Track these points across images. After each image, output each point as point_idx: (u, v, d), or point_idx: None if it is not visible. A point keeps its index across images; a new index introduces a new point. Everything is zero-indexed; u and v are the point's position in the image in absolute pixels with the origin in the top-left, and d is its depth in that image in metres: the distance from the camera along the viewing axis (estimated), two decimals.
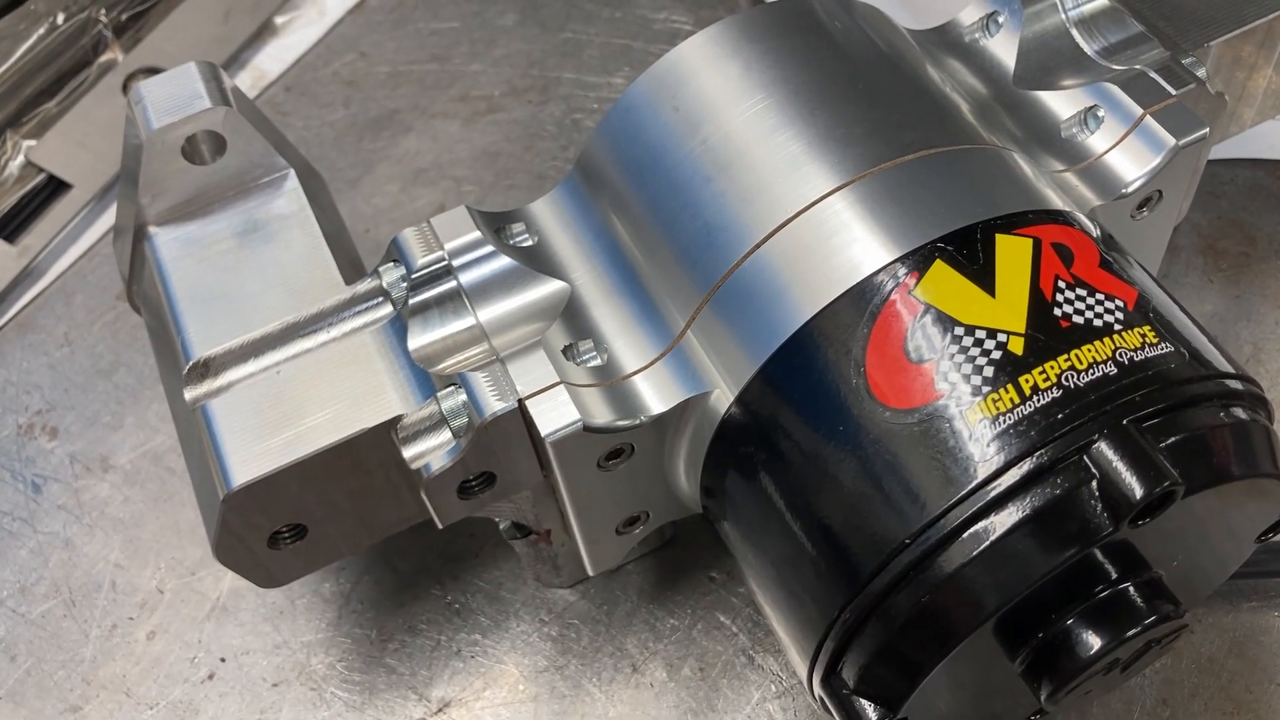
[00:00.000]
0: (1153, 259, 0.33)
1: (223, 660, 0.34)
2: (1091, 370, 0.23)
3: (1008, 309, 0.24)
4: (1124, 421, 0.22)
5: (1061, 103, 0.31)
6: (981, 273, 0.24)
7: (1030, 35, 0.32)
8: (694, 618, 0.34)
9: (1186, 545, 0.26)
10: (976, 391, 0.23)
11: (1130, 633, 0.24)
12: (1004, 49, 0.33)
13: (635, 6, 0.48)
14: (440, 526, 0.29)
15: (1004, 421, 0.23)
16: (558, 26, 0.47)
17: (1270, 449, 0.24)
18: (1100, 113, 0.31)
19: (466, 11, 0.49)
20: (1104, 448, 0.22)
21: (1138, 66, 0.31)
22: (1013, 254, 0.25)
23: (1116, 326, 0.24)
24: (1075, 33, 0.32)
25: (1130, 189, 0.29)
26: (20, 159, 0.44)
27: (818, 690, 0.26)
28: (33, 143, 0.44)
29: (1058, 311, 0.24)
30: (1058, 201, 0.27)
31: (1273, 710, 0.31)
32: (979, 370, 0.23)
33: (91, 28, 0.46)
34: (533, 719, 0.32)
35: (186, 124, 0.31)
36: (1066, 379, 0.23)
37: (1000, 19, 0.33)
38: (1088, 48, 0.32)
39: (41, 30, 0.45)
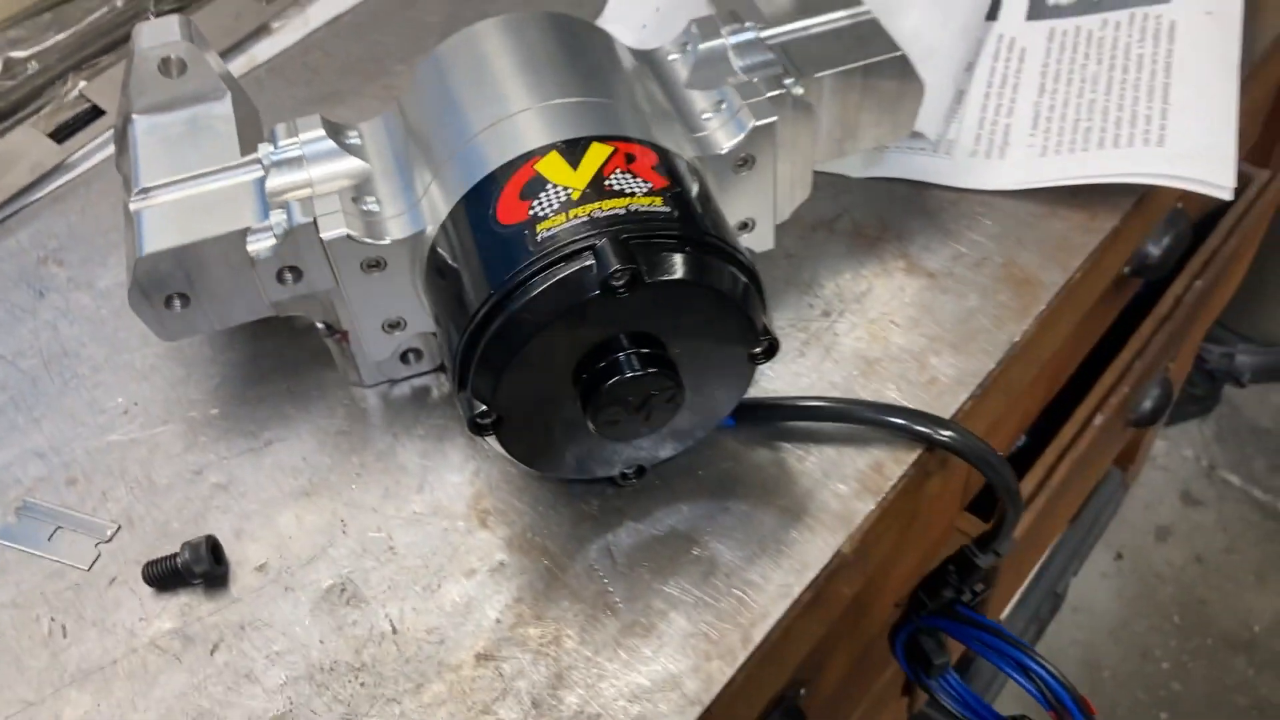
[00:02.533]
0: (760, 205, 0.49)
1: (120, 401, 0.52)
2: (612, 212, 0.40)
3: (578, 178, 0.41)
4: (620, 236, 0.39)
5: (708, 97, 0.49)
6: (574, 160, 0.42)
7: (702, 53, 0.50)
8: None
9: (694, 348, 0.42)
10: (545, 217, 0.40)
11: (630, 375, 0.40)
12: (685, 63, 0.50)
13: None
14: (271, 307, 0.47)
15: (554, 232, 0.40)
16: None
17: (723, 278, 0.41)
18: (722, 105, 0.48)
19: (403, 34, 0.68)
20: (603, 246, 0.39)
21: (756, 79, 0.48)
22: (597, 153, 0.42)
23: (639, 195, 0.41)
24: (730, 55, 0.50)
25: (724, 150, 0.46)
26: (76, 92, 0.64)
27: (457, 398, 0.42)
28: (86, 82, 0.65)
29: (605, 183, 0.41)
30: (661, 141, 0.45)
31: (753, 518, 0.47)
32: (549, 206, 0.40)
33: (140, 11, 0.67)
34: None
35: (161, 49, 0.50)
36: (595, 214, 0.40)
37: (688, 45, 0.51)
38: (736, 64, 0.50)
39: (104, 8, 0.66)
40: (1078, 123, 0.57)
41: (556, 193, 0.41)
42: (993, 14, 0.65)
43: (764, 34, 0.50)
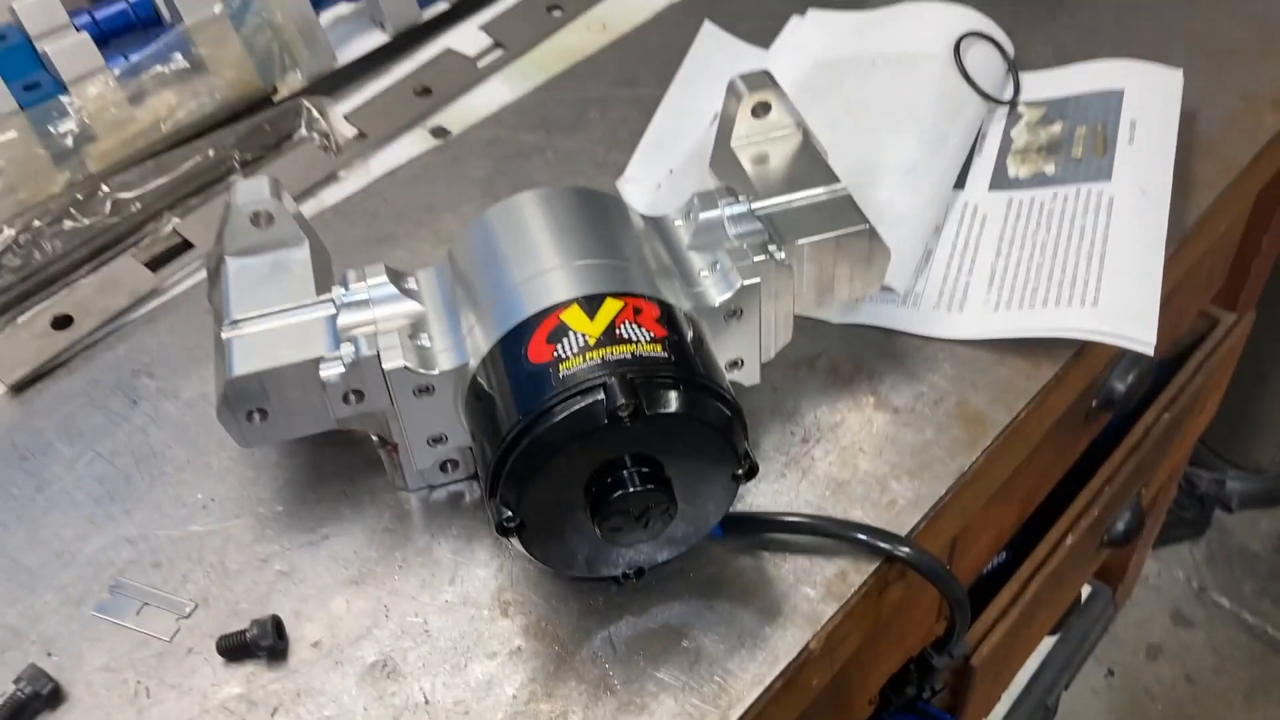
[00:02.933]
0: (748, 347, 0.59)
1: (200, 497, 0.61)
2: (620, 356, 0.49)
3: (595, 327, 0.50)
4: (625, 376, 0.48)
5: (705, 258, 0.58)
6: (591, 311, 0.51)
7: (702, 222, 0.60)
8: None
9: (687, 468, 0.51)
10: (566, 358, 0.50)
11: (631, 490, 0.49)
12: (687, 229, 0.60)
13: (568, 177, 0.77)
14: (335, 421, 0.56)
15: (573, 371, 0.49)
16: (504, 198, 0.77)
17: (710, 411, 0.50)
18: (716, 265, 0.58)
19: (451, 186, 0.79)
20: (612, 384, 0.48)
21: (745, 245, 0.58)
22: (610, 307, 0.52)
23: (643, 342, 0.50)
24: (725, 223, 0.60)
25: (717, 304, 0.56)
26: (170, 228, 0.75)
27: (487, 504, 0.51)
28: (179, 220, 0.75)
29: (616, 332, 0.50)
30: (663, 295, 0.54)
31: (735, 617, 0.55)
32: (570, 349, 0.50)
33: (227, 161, 0.78)
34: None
35: (253, 205, 0.60)
36: (606, 357, 0.49)
37: (690, 214, 0.61)
38: (730, 232, 0.59)
39: (197, 158, 0.77)
40: (1027, 283, 0.67)
41: (576, 338, 0.50)
42: (960, 183, 0.75)
43: (754, 206, 0.60)
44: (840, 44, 0.84)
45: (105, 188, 0.74)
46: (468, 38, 0.92)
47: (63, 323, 0.70)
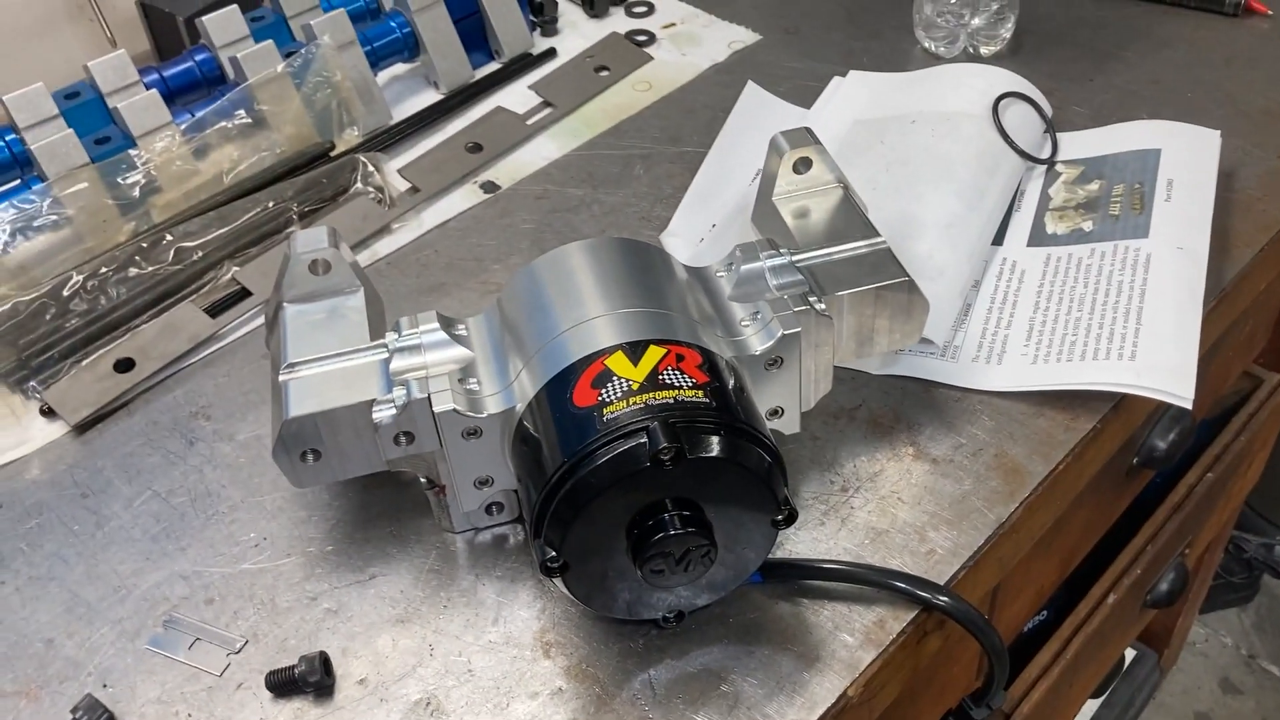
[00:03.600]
0: (788, 396, 0.60)
1: (252, 535, 0.63)
2: (663, 401, 0.51)
3: (638, 373, 0.52)
4: (668, 420, 0.50)
5: (746, 308, 0.60)
6: (635, 358, 0.53)
7: (744, 273, 0.61)
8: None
9: (727, 513, 0.52)
10: (610, 402, 0.51)
11: (673, 532, 0.50)
12: (729, 280, 0.62)
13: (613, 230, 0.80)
14: (385, 463, 0.58)
15: (617, 415, 0.50)
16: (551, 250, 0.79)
17: (750, 456, 0.51)
18: (758, 315, 0.59)
19: (500, 238, 0.81)
20: (654, 428, 0.49)
21: (786, 295, 0.60)
22: (653, 353, 0.53)
23: (685, 388, 0.52)
24: (766, 274, 0.61)
25: (758, 352, 0.57)
26: (229, 276, 0.78)
27: (531, 545, 0.52)
28: (238, 268, 0.78)
29: (659, 378, 0.52)
30: (705, 343, 0.55)
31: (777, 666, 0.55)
32: (614, 394, 0.51)
33: (286, 213, 0.81)
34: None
35: (312, 253, 0.62)
36: (649, 402, 0.51)
37: (733, 265, 0.62)
38: (770, 283, 0.61)
39: (258, 209, 0.80)
40: (1065, 337, 0.67)
41: (620, 384, 0.52)
42: (999, 239, 0.76)
43: (795, 258, 0.62)
44: (881, 103, 0.86)
45: (169, 236, 0.77)
46: (518, 96, 0.95)
47: (125, 365, 0.72)
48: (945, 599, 0.56)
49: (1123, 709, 1.44)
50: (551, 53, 0.99)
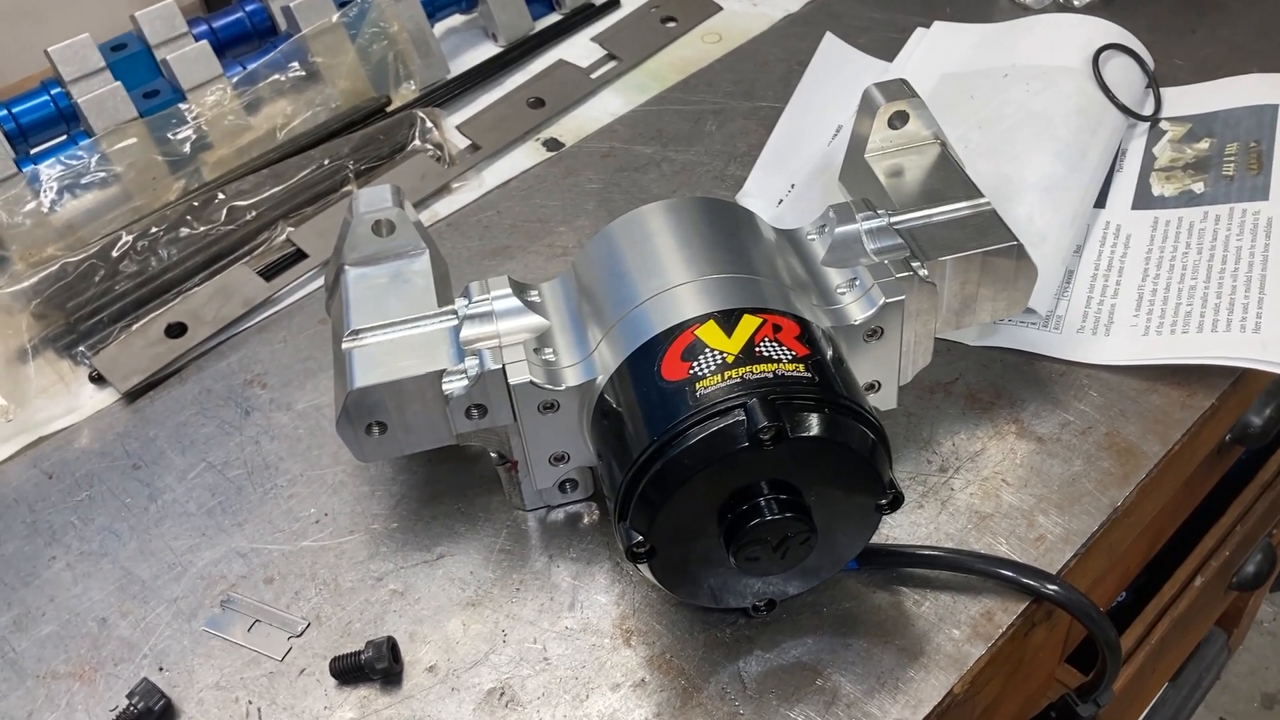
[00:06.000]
0: (885, 369, 0.55)
1: (312, 511, 0.59)
2: (761, 376, 0.47)
3: (733, 344, 0.48)
4: (767, 397, 0.46)
5: (842, 274, 0.56)
6: (729, 328, 0.49)
7: (839, 236, 0.57)
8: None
9: (827, 496, 0.48)
10: (703, 376, 0.47)
11: (770, 517, 0.46)
12: (822, 244, 0.57)
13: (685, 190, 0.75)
14: (454, 437, 0.54)
15: (711, 390, 0.46)
16: (619, 211, 0.74)
17: (855, 436, 0.47)
18: (855, 282, 0.55)
19: (565, 198, 0.77)
20: (752, 404, 0.45)
21: (886, 260, 0.55)
22: (748, 323, 0.49)
23: (784, 361, 0.47)
24: (864, 238, 0.57)
25: (857, 322, 0.53)
26: (283, 237, 0.74)
27: (616, 529, 0.49)
28: (293, 229, 0.74)
29: (756, 349, 0.48)
30: (801, 312, 0.51)
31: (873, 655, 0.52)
32: (707, 367, 0.47)
33: (342, 170, 0.77)
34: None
35: (375, 213, 0.58)
36: (746, 377, 0.46)
37: (826, 228, 0.58)
38: (868, 247, 0.56)
39: (313, 167, 0.76)
40: (1178, 307, 0.62)
41: (713, 356, 0.48)
42: (1101, 202, 0.71)
43: (893, 220, 0.57)
44: (969, 57, 0.80)
45: (221, 195, 0.73)
46: (580, 49, 0.90)
47: (176, 330, 0.69)
48: (1057, 589, 0.52)
49: (1190, 690, 1.39)
50: (615, 2, 0.94)
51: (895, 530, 0.56)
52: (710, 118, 0.82)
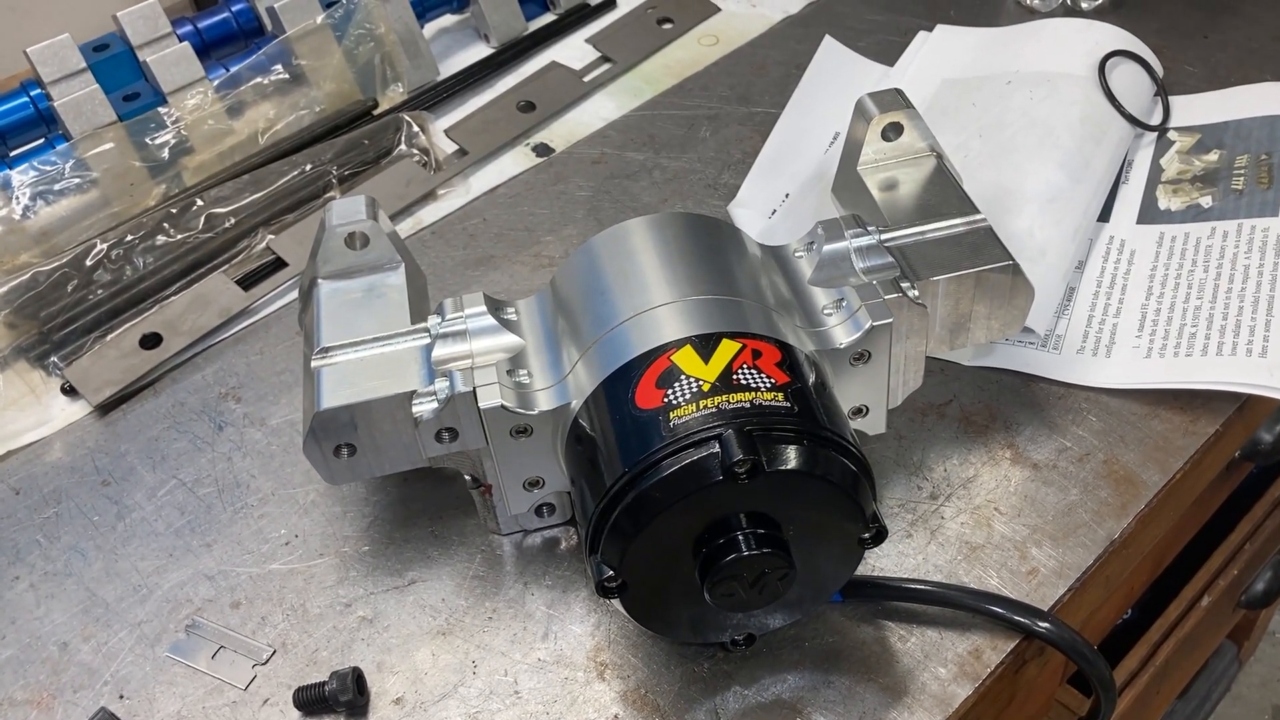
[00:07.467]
0: (874, 393, 0.53)
1: (283, 533, 0.58)
2: (738, 405, 0.44)
3: (709, 371, 0.46)
4: (744, 428, 0.44)
5: (829, 294, 0.53)
6: (706, 354, 0.47)
7: (826, 254, 0.55)
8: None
9: (807, 530, 0.46)
10: (677, 405, 0.45)
11: (746, 553, 0.44)
12: (809, 261, 0.55)
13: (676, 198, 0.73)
14: (426, 460, 0.52)
15: (685, 420, 0.44)
16: (608, 220, 0.72)
17: (835, 469, 0.45)
18: (842, 303, 0.52)
19: (553, 206, 0.75)
20: (728, 436, 0.43)
21: (874, 281, 0.53)
22: (726, 349, 0.47)
23: (763, 390, 0.45)
24: (852, 256, 0.54)
25: (842, 345, 0.51)
26: (263, 245, 0.72)
27: (587, 561, 0.47)
28: (273, 236, 0.72)
29: (733, 377, 0.45)
30: (783, 335, 0.49)
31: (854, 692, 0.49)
32: (682, 395, 0.45)
33: (325, 176, 0.75)
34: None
35: (348, 225, 0.56)
36: (722, 406, 0.44)
37: (814, 245, 0.55)
38: (857, 266, 0.54)
39: (295, 173, 0.74)
40: (1183, 328, 0.60)
41: (689, 383, 0.46)
42: (1104, 215, 0.69)
43: (884, 237, 0.55)
44: (971, 62, 0.78)
45: (200, 202, 0.72)
46: (574, 50, 0.88)
47: (151, 341, 0.68)
48: (1049, 627, 0.50)
49: (1199, 703, 1.37)
50: (610, 3, 0.92)
51: (883, 560, 0.54)
52: (705, 123, 0.80)
